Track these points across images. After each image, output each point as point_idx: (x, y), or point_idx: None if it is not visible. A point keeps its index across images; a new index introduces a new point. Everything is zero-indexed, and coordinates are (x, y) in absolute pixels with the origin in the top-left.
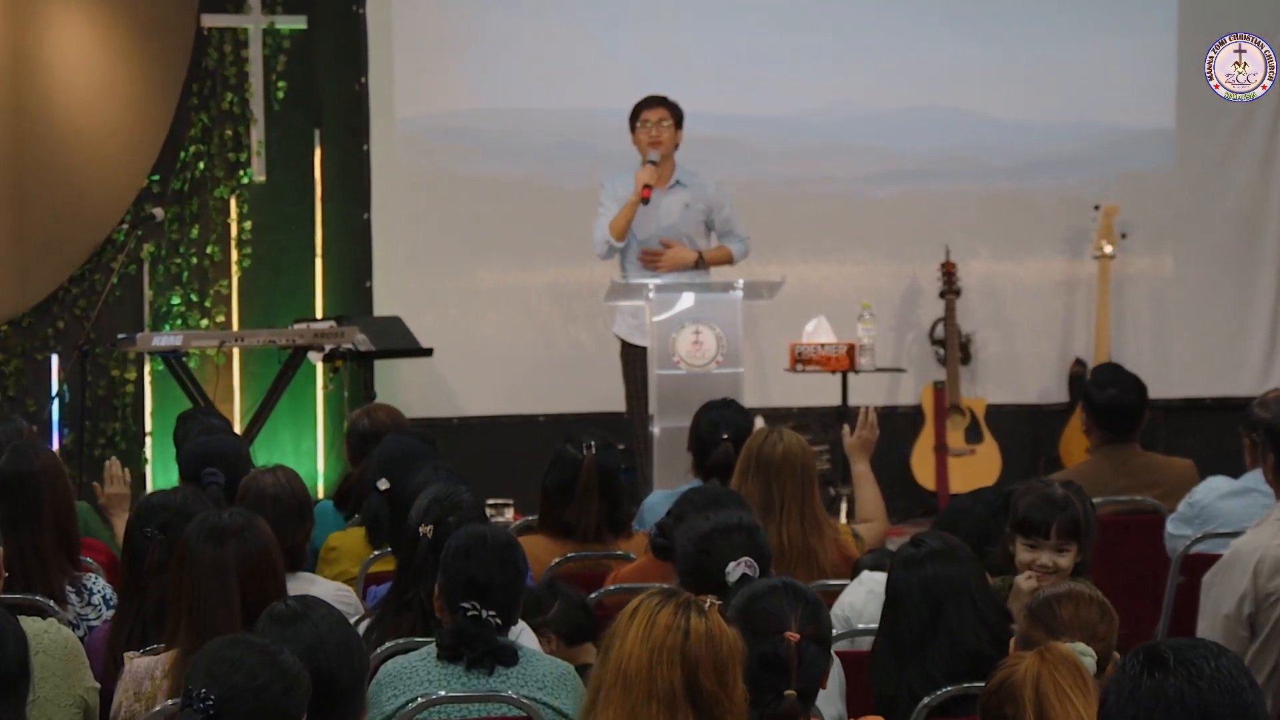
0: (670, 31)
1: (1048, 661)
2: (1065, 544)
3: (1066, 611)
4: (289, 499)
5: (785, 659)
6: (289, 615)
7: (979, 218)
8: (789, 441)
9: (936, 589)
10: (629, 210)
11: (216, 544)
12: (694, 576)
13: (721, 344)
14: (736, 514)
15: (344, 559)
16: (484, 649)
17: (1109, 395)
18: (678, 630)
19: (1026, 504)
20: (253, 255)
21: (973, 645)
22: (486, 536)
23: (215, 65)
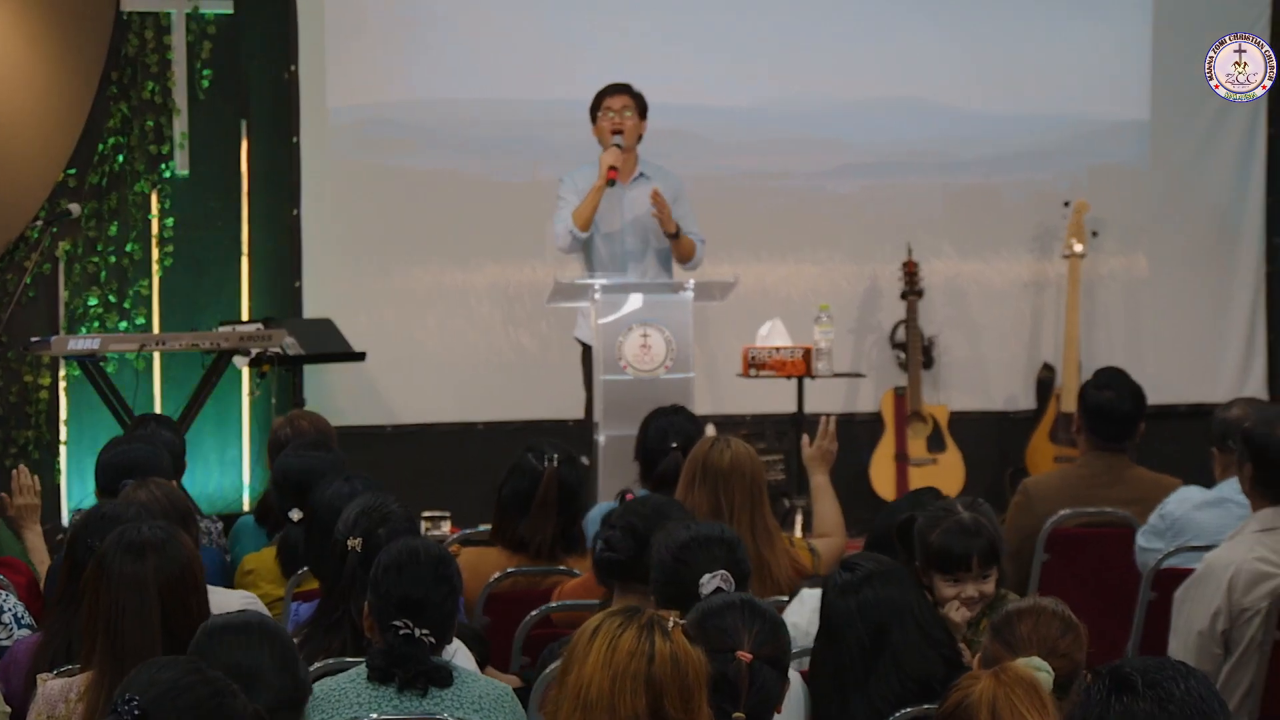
0: (618, 18)
1: (1003, 682)
2: (987, 569)
3: (1026, 627)
4: (168, 513)
5: (735, 680)
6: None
7: (943, 214)
8: (737, 450)
9: (877, 613)
10: (595, 196)
11: (135, 559)
12: (668, 587)
13: (671, 348)
14: (718, 526)
15: (262, 581)
16: (417, 669)
17: (1105, 397)
18: (641, 655)
19: (940, 538)
20: (175, 254)
21: (920, 668)
22: (419, 551)
23: (136, 52)
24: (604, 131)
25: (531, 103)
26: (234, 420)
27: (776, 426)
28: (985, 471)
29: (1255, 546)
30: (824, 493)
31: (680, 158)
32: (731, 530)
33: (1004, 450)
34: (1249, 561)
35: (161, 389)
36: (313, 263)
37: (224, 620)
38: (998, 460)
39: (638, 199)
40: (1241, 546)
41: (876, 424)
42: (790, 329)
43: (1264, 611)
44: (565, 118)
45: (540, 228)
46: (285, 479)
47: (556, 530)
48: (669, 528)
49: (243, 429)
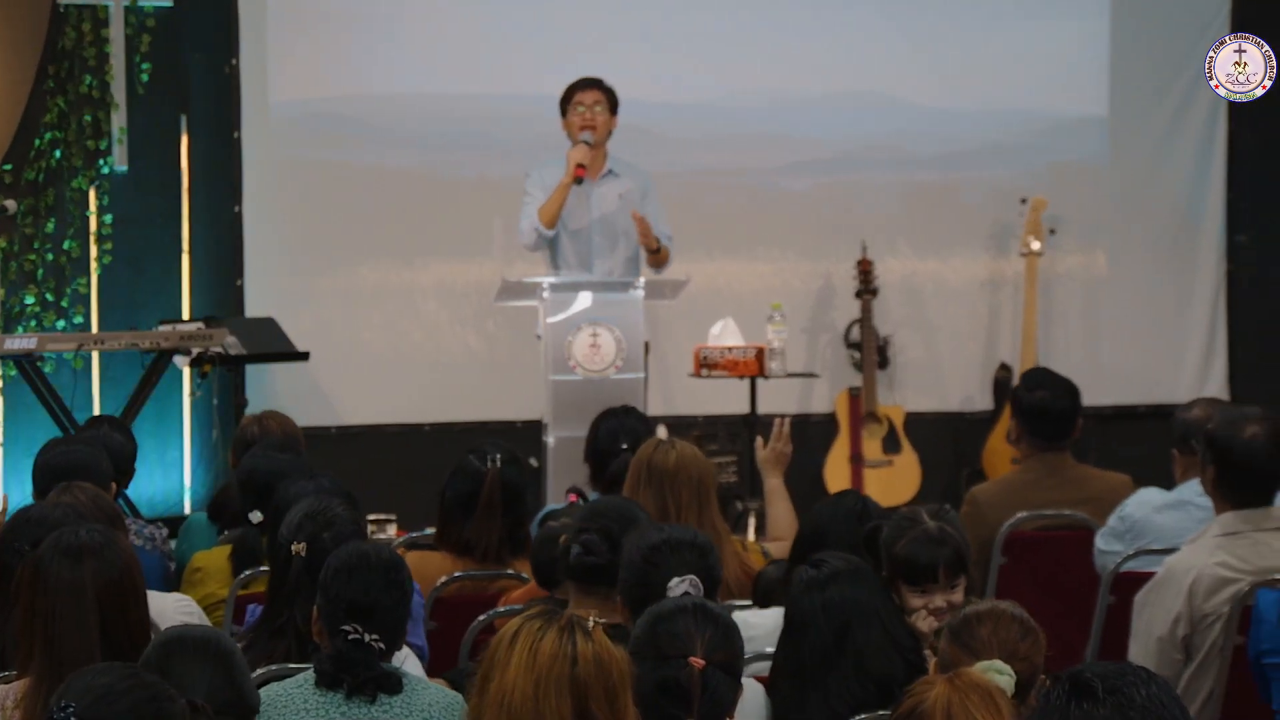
0: (568, 12)
1: (958, 688)
2: (954, 579)
3: (985, 630)
4: (97, 517)
5: (686, 686)
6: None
7: (898, 212)
8: (683, 451)
9: (842, 611)
10: (561, 194)
11: (73, 563)
12: (636, 589)
13: (621, 347)
14: (691, 530)
15: (209, 580)
16: (366, 675)
17: (1039, 398)
18: (564, 658)
19: (906, 549)
20: (114, 251)
21: (882, 669)
22: (370, 555)
23: (73, 45)
24: (574, 126)
25: (479, 98)
26: (174, 421)
27: (729, 428)
28: (941, 473)
29: (1217, 551)
30: (778, 496)
31: (632, 153)
32: (705, 535)
33: (960, 451)
34: (1210, 566)
35: (100, 389)
36: (255, 260)
37: (172, 635)
38: (954, 461)
39: (606, 196)
40: (1203, 551)
41: (831, 425)
42: (743, 328)
43: (1225, 617)
44: (513, 113)
45: (488, 225)
46: (251, 480)
47: (503, 532)
48: (641, 529)
49: (184, 430)
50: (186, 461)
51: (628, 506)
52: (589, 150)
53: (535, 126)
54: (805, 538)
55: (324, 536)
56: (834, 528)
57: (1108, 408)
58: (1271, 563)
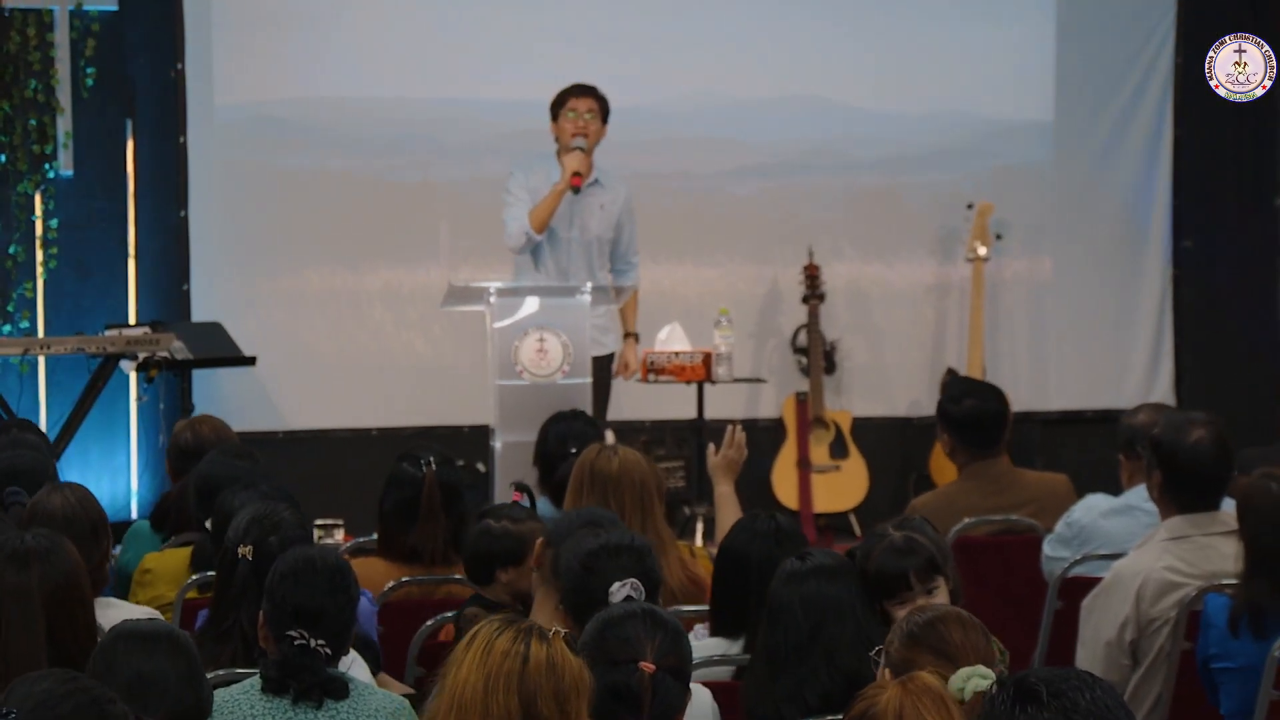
0: (511, 15)
1: (910, 691)
2: (930, 582)
3: (958, 635)
4: (81, 520)
5: (637, 690)
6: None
7: (844, 216)
8: (625, 456)
9: (818, 605)
10: (554, 200)
11: (19, 568)
12: (576, 595)
13: (568, 352)
14: (628, 534)
15: (159, 582)
16: (312, 680)
17: (967, 406)
18: (516, 656)
19: (876, 565)
20: (60, 255)
21: (851, 666)
22: (315, 560)
23: (18, 49)
24: (564, 132)
25: (423, 101)
26: (121, 426)
27: (676, 433)
28: (889, 478)
29: (1164, 555)
30: (728, 502)
31: None
32: (642, 538)
33: (908, 456)
34: (1157, 570)
35: (46, 393)
36: (201, 265)
37: (129, 628)
38: (901, 467)
39: (589, 205)
40: (1150, 555)
41: (778, 430)
42: (689, 333)
43: (1173, 622)
44: (458, 116)
45: (434, 229)
46: (208, 487)
47: (447, 535)
48: (577, 536)
49: (131, 435)
50: (133, 467)
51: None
52: (584, 157)
53: (482, 129)
54: (725, 568)
55: (270, 540)
56: (752, 552)
57: (1054, 413)
58: (1219, 567)
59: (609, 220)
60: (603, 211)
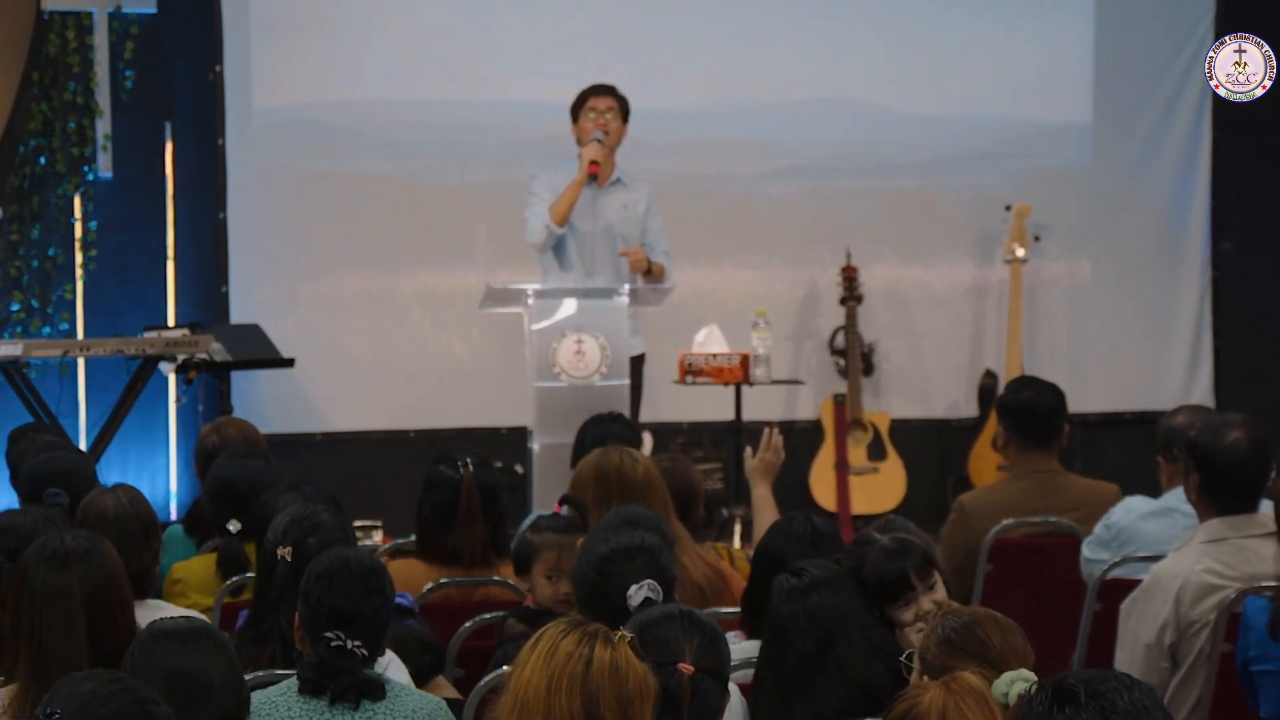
0: (549, 18)
1: (954, 692)
2: (930, 579)
3: (998, 639)
4: (132, 520)
5: (676, 692)
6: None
7: (883, 219)
8: (633, 458)
9: (824, 619)
10: (574, 190)
11: (59, 569)
12: (592, 601)
13: (606, 354)
14: (638, 535)
15: (191, 591)
16: (349, 682)
17: (1024, 397)
18: (579, 659)
19: (872, 572)
20: (99, 258)
21: (866, 676)
22: (351, 562)
23: (57, 52)
24: (585, 132)
25: (461, 104)
26: (160, 427)
27: (714, 434)
28: (927, 480)
29: (1202, 558)
30: (765, 504)
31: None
32: (652, 537)
33: (946, 458)
34: (1196, 573)
35: (86, 395)
36: (239, 267)
37: (170, 625)
38: (939, 469)
39: (611, 204)
40: (1189, 558)
41: (816, 432)
42: (727, 335)
43: (1212, 624)
44: (496, 120)
45: (472, 231)
46: (223, 489)
47: (486, 536)
48: (588, 541)
49: (169, 436)
50: (172, 468)
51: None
52: (602, 148)
53: (519, 132)
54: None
55: (309, 541)
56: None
57: (1093, 415)
58: (1258, 569)
59: (631, 218)
60: (626, 210)
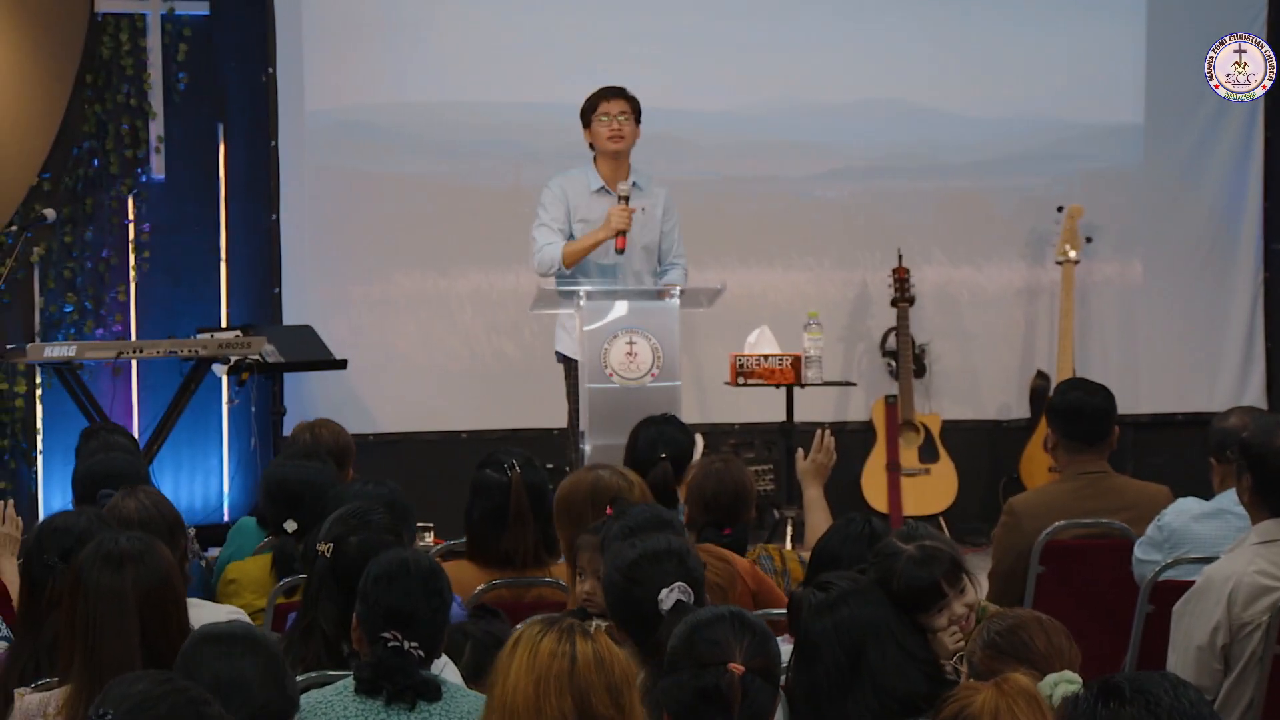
0: (601, 20)
1: (1006, 693)
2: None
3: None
4: (157, 522)
5: (726, 692)
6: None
7: (934, 220)
8: (638, 483)
9: (854, 632)
10: (593, 245)
11: (113, 570)
12: (623, 608)
13: (657, 355)
14: (664, 538)
15: (245, 591)
16: (405, 683)
17: (1073, 398)
18: (563, 656)
19: (902, 583)
20: (152, 259)
21: (901, 686)
22: (409, 563)
23: (111, 54)
24: (599, 136)
25: (513, 106)
26: (213, 429)
27: (765, 436)
28: (978, 481)
29: (1255, 559)
30: (817, 506)
31: (665, 163)
32: (679, 539)
33: (997, 460)
34: (1249, 574)
35: (138, 396)
36: (292, 269)
37: (210, 631)
38: (991, 470)
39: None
40: (1241, 559)
41: (868, 433)
42: (779, 336)
43: (1264, 626)
44: (547, 122)
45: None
46: (280, 490)
47: (537, 536)
48: (615, 548)
49: (222, 438)
50: (225, 469)
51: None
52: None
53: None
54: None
55: (350, 540)
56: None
57: (1145, 416)
58: None
59: (650, 223)
60: (644, 214)
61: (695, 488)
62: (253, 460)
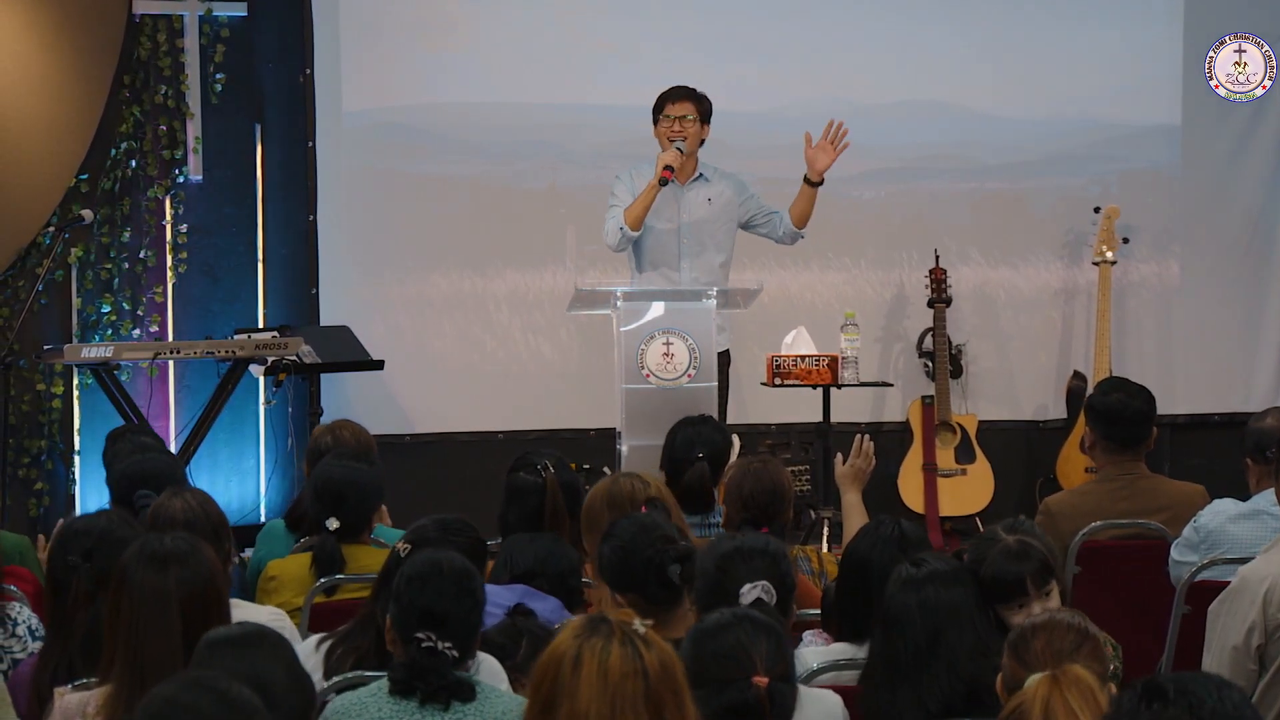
0: (636, 21)
1: (1060, 683)
2: (1045, 586)
3: (1039, 642)
4: (202, 523)
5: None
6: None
7: (971, 220)
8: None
9: (937, 611)
10: (648, 195)
11: (158, 570)
12: (710, 597)
13: (694, 356)
14: (763, 538)
15: (285, 589)
16: (439, 683)
17: (1114, 400)
18: (636, 675)
19: (991, 571)
20: (189, 260)
21: (972, 672)
22: (442, 564)
23: (148, 55)
24: (663, 137)
25: (550, 107)
26: (250, 429)
27: (802, 437)
28: (1015, 482)
29: None
30: (855, 510)
31: None
32: (778, 542)
33: (1034, 461)
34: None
35: (176, 397)
36: (329, 269)
37: (224, 633)
38: (1028, 471)
39: (695, 200)
40: (1277, 559)
41: (904, 434)
42: (815, 337)
43: None
44: (584, 122)
45: (560, 234)
46: (326, 488)
47: (575, 537)
48: (716, 539)
49: (259, 438)
50: (262, 470)
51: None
52: (679, 155)
53: (607, 135)
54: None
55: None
56: (875, 557)
57: (1182, 417)
58: None
59: (719, 212)
60: (710, 205)
61: (733, 486)
62: (289, 461)
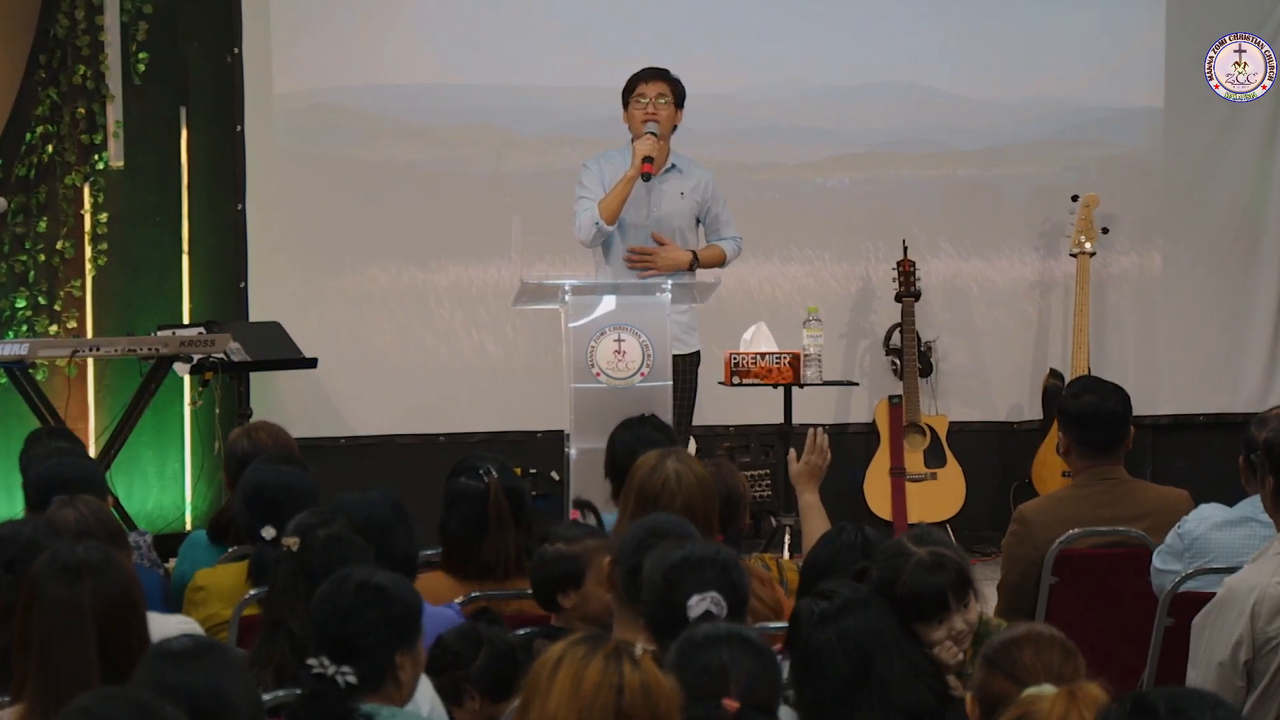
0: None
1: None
2: (964, 598)
3: (1028, 656)
4: (97, 534)
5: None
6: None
7: (941, 210)
8: (675, 469)
9: (859, 643)
10: (624, 188)
11: (69, 582)
12: (657, 611)
13: (648, 354)
14: (714, 546)
15: (214, 600)
16: (327, 715)
17: (1086, 402)
18: (610, 687)
19: (907, 587)
20: (109, 252)
21: (909, 699)
22: (346, 579)
23: (66, 34)
24: (635, 120)
25: (494, 89)
26: (175, 432)
27: (762, 439)
28: (988, 487)
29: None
30: (813, 511)
31: None
32: (729, 551)
33: (1008, 464)
34: (1274, 586)
35: (95, 398)
36: (259, 261)
37: (177, 646)
38: (1001, 475)
39: (667, 193)
40: (1265, 569)
41: (871, 436)
42: (776, 333)
43: None
44: (530, 106)
45: (505, 224)
46: (258, 495)
47: (519, 545)
48: (662, 547)
49: (184, 441)
50: (188, 475)
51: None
52: (656, 142)
53: (556, 119)
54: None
55: (319, 533)
56: (837, 565)
57: (1165, 417)
58: None
59: (688, 208)
60: (682, 199)
61: None
62: (217, 466)
